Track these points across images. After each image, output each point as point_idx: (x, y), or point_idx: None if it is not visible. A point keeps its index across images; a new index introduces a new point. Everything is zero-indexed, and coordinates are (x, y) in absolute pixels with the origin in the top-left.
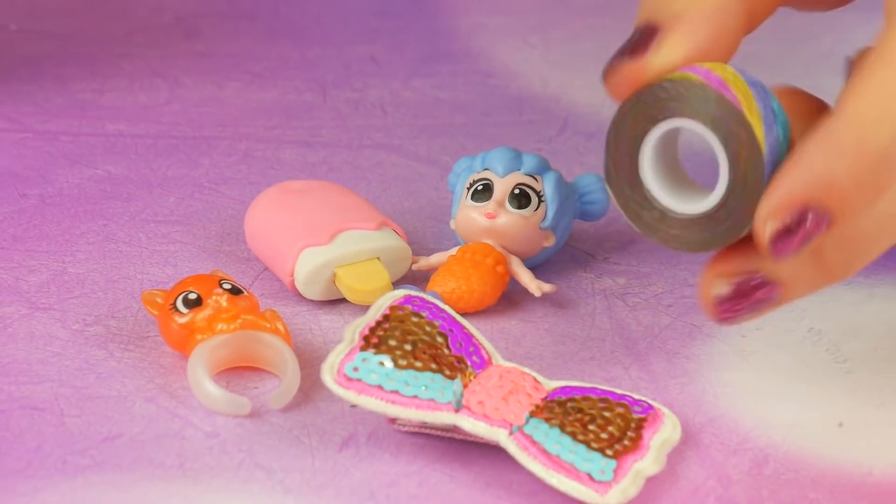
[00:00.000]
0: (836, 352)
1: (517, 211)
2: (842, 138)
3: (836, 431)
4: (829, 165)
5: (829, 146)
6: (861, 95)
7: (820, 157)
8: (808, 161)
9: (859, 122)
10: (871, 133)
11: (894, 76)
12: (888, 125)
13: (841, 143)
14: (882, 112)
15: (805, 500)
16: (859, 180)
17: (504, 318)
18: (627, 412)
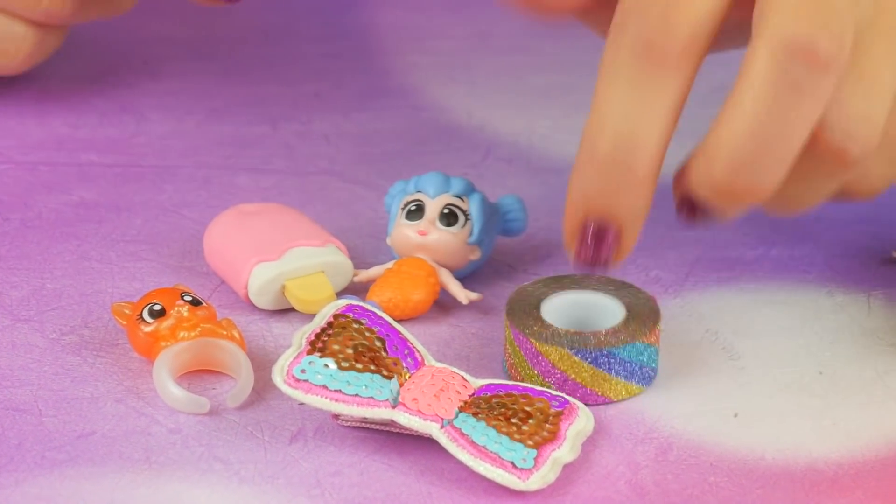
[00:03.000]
0: (731, 350)
1: (446, 228)
2: (581, 155)
3: (732, 421)
4: (579, 183)
5: (576, 167)
6: (590, 112)
7: (574, 179)
8: (571, 185)
9: (589, 136)
10: (598, 144)
11: (607, 88)
12: (608, 134)
13: (581, 160)
14: (602, 123)
15: (705, 483)
16: (602, 188)
17: (436, 324)
18: (546, 406)
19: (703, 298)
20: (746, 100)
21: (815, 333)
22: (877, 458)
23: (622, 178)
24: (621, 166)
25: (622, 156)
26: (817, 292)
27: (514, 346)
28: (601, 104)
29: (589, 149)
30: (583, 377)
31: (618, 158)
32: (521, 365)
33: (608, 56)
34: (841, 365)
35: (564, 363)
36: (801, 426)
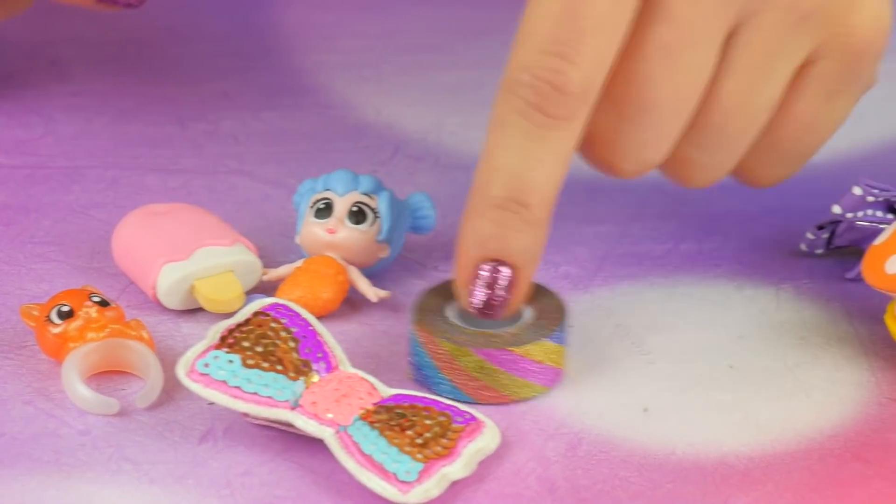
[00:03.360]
0: (641, 345)
1: (355, 226)
2: (474, 200)
3: (642, 416)
4: (472, 226)
5: (468, 211)
6: (481, 159)
7: (466, 223)
8: (462, 230)
9: (482, 180)
10: (491, 188)
11: (499, 137)
12: (501, 177)
13: (473, 204)
14: (495, 167)
15: (616, 478)
16: (495, 231)
17: (345, 322)
18: (448, 421)
19: (612, 294)
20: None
21: (724, 327)
22: (787, 450)
23: (516, 221)
24: (515, 208)
25: (516, 197)
26: (726, 286)
27: (420, 347)
28: (493, 150)
29: (481, 192)
30: (489, 377)
31: (511, 200)
32: (428, 366)
33: (500, 110)
34: (751, 358)
35: (471, 364)
36: (712, 420)
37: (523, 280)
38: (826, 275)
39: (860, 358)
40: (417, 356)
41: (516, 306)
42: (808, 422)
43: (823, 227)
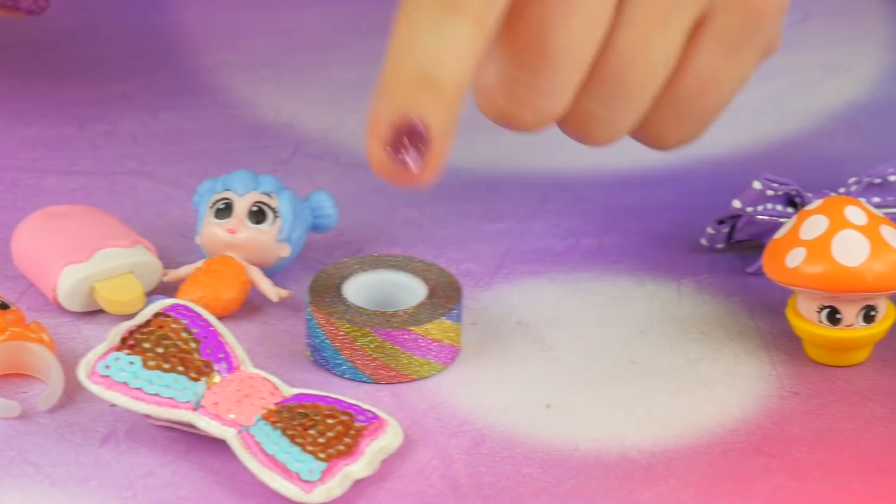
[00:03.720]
0: (543, 341)
1: (255, 226)
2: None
3: (544, 412)
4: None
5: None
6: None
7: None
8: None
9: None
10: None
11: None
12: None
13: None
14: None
15: (519, 474)
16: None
17: (246, 322)
18: (351, 420)
19: (513, 290)
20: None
21: (626, 323)
22: (689, 445)
23: (430, 92)
24: (429, 80)
25: (429, 73)
26: (628, 281)
27: (318, 329)
28: (406, 29)
29: (395, 67)
30: (389, 357)
31: (425, 73)
32: (326, 348)
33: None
34: (652, 353)
35: (370, 344)
36: (614, 415)
37: (437, 150)
38: (727, 269)
39: (761, 352)
40: (315, 338)
41: (427, 178)
42: (710, 416)
43: (724, 221)
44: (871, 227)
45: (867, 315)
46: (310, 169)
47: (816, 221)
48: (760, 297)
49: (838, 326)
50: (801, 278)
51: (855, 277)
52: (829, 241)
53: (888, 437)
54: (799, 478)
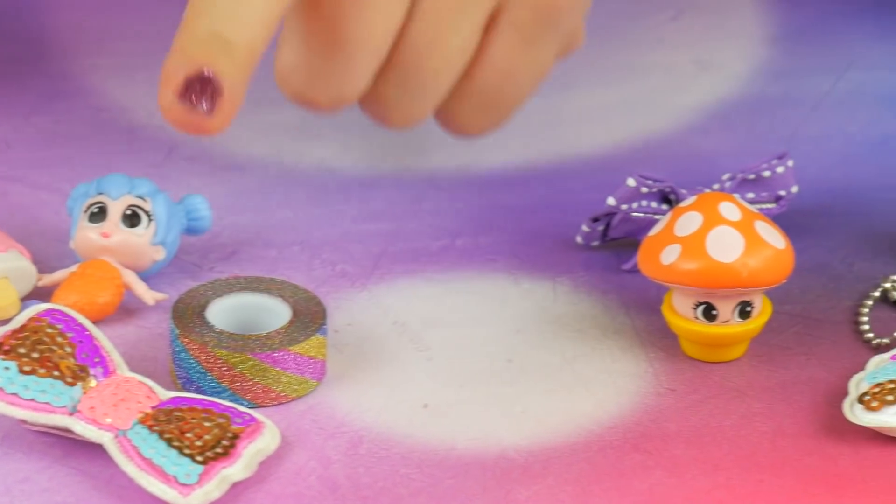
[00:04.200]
0: (419, 341)
1: (130, 229)
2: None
3: (422, 412)
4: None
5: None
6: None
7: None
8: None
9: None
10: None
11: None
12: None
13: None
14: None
15: (397, 475)
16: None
17: (122, 326)
18: (227, 423)
19: (389, 291)
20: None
21: (502, 321)
22: (567, 443)
23: (223, 52)
24: (223, 41)
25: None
26: (504, 280)
27: (192, 359)
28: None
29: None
30: (270, 379)
31: (220, 34)
32: (202, 377)
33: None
34: (529, 352)
35: (249, 368)
36: (492, 414)
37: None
38: (602, 267)
39: (637, 349)
40: (189, 368)
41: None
42: (587, 414)
43: (598, 219)
44: (746, 222)
45: (743, 311)
46: (184, 171)
47: (691, 218)
48: (636, 295)
49: (714, 322)
50: (677, 275)
51: (730, 273)
52: (704, 238)
53: (765, 432)
54: (676, 474)
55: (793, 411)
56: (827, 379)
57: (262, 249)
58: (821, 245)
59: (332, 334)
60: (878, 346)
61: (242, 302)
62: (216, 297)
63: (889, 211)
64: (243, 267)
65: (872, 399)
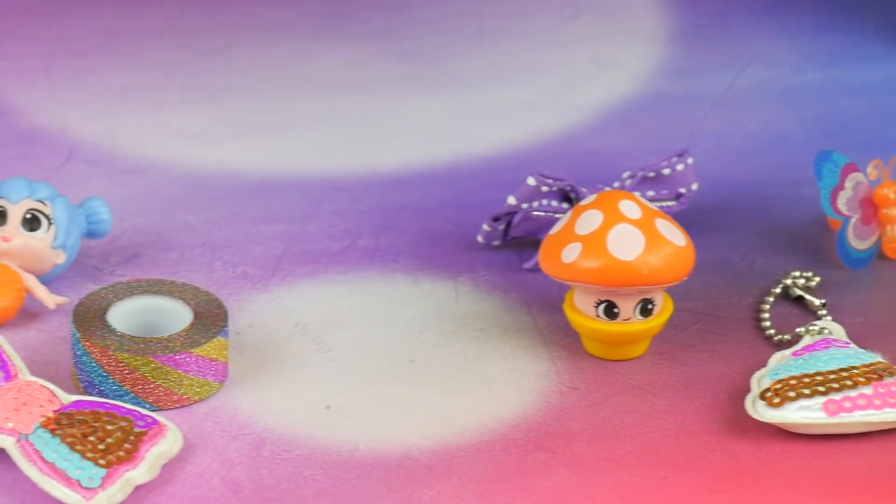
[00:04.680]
0: (321, 342)
1: (30, 233)
2: None
3: (325, 413)
4: None
5: None
6: None
7: None
8: None
9: None
10: None
11: None
12: None
13: None
14: None
15: (301, 476)
16: None
17: (23, 330)
18: (130, 426)
19: (291, 292)
20: None
21: (404, 322)
22: (470, 443)
23: None
24: None
25: None
26: (405, 281)
27: (94, 363)
28: None
29: None
30: (173, 382)
31: None
32: (105, 380)
33: None
34: (431, 352)
35: (152, 371)
36: (395, 415)
37: None
38: (503, 266)
39: (539, 348)
40: (91, 372)
41: None
42: (490, 413)
43: (499, 218)
44: (646, 220)
45: (644, 308)
46: (84, 175)
47: (591, 216)
48: (538, 293)
49: (616, 320)
50: (578, 273)
51: (631, 271)
52: (605, 236)
53: (667, 429)
54: (580, 472)
55: (695, 408)
56: (729, 375)
57: (163, 252)
58: (721, 242)
59: (233, 336)
60: (780, 343)
61: (144, 305)
62: (117, 300)
63: (789, 207)
64: (144, 270)
65: (774, 395)
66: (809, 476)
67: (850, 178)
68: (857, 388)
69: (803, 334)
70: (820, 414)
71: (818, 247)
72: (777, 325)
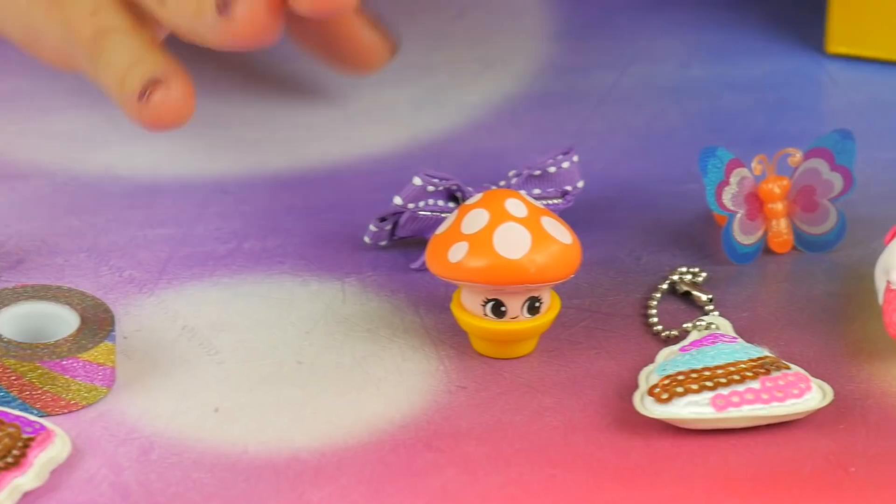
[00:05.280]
0: (209, 345)
1: None
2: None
3: (213, 416)
4: None
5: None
6: None
7: None
8: None
9: None
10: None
11: None
12: None
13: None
14: None
15: (189, 480)
16: None
17: None
18: (18, 432)
19: (178, 295)
20: None
21: (291, 324)
22: (359, 443)
23: None
24: None
25: None
26: (292, 282)
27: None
28: None
29: None
30: (60, 388)
31: None
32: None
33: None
34: (319, 353)
35: (39, 376)
36: (283, 417)
37: None
38: (390, 266)
39: (428, 347)
40: None
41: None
42: (378, 413)
43: (385, 218)
44: (532, 218)
45: (532, 307)
46: None
47: (477, 215)
48: (425, 293)
49: (503, 319)
50: (465, 272)
51: (517, 270)
52: (491, 235)
53: (556, 427)
54: (469, 471)
55: (583, 405)
56: (617, 372)
57: (49, 257)
58: (608, 239)
59: (121, 341)
60: (668, 339)
61: (30, 310)
62: (2, 306)
63: (675, 203)
64: (30, 275)
65: (662, 391)
66: (698, 471)
67: (735, 174)
68: (744, 382)
69: (691, 330)
70: (708, 409)
71: (704, 242)
72: (664, 321)
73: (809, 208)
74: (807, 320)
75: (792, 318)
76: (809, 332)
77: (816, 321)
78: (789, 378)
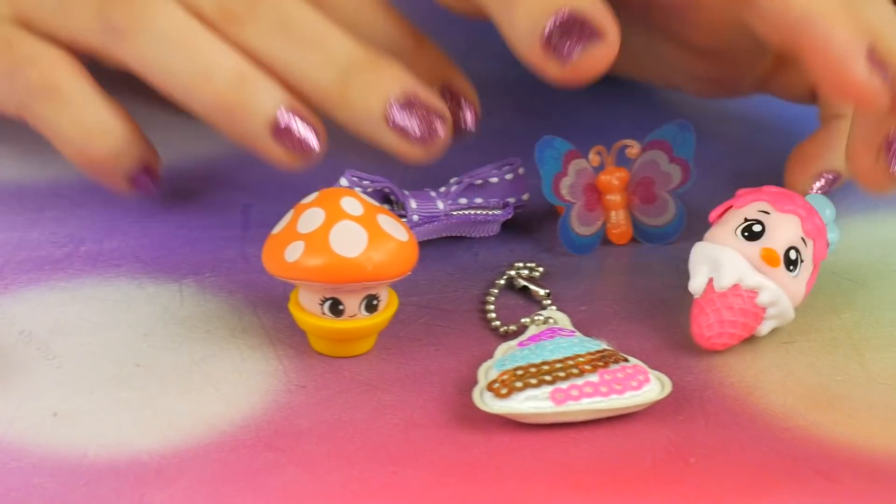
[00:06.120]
0: (46, 350)
1: None
2: None
3: (52, 420)
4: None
5: None
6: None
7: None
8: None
9: None
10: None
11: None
12: None
13: None
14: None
15: (29, 485)
16: None
17: None
18: None
19: (14, 300)
20: None
21: (129, 326)
22: (200, 444)
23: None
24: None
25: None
26: (129, 285)
27: None
28: None
29: None
30: None
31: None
32: None
33: None
34: (157, 355)
35: None
36: (123, 420)
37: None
38: (228, 267)
39: (266, 347)
40: None
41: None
42: (218, 414)
43: None
44: (368, 216)
45: (369, 305)
46: None
47: (313, 214)
48: (264, 293)
49: (341, 318)
50: (301, 272)
51: (354, 268)
52: (327, 233)
53: (396, 424)
54: (310, 470)
55: (423, 402)
56: (457, 368)
57: None
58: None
59: None
60: (506, 334)
61: None
62: None
63: None
64: None
65: (501, 386)
66: (539, 465)
67: (573, 165)
68: (583, 376)
69: (529, 324)
70: (547, 403)
71: (542, 237)
72: (503, 317)
73: (648, 200)
74: (645, 312)
75: (630, 311)
76: (648, 325)
77: (655, 313)
78: (628, 371)
